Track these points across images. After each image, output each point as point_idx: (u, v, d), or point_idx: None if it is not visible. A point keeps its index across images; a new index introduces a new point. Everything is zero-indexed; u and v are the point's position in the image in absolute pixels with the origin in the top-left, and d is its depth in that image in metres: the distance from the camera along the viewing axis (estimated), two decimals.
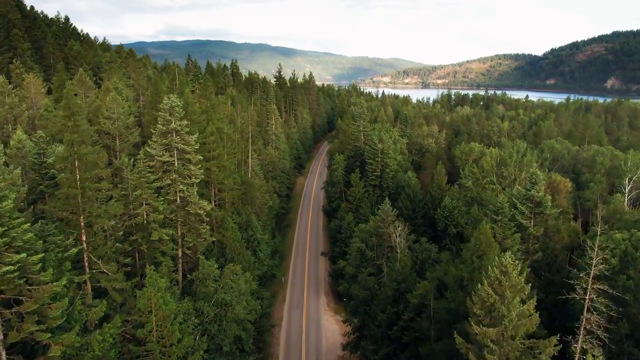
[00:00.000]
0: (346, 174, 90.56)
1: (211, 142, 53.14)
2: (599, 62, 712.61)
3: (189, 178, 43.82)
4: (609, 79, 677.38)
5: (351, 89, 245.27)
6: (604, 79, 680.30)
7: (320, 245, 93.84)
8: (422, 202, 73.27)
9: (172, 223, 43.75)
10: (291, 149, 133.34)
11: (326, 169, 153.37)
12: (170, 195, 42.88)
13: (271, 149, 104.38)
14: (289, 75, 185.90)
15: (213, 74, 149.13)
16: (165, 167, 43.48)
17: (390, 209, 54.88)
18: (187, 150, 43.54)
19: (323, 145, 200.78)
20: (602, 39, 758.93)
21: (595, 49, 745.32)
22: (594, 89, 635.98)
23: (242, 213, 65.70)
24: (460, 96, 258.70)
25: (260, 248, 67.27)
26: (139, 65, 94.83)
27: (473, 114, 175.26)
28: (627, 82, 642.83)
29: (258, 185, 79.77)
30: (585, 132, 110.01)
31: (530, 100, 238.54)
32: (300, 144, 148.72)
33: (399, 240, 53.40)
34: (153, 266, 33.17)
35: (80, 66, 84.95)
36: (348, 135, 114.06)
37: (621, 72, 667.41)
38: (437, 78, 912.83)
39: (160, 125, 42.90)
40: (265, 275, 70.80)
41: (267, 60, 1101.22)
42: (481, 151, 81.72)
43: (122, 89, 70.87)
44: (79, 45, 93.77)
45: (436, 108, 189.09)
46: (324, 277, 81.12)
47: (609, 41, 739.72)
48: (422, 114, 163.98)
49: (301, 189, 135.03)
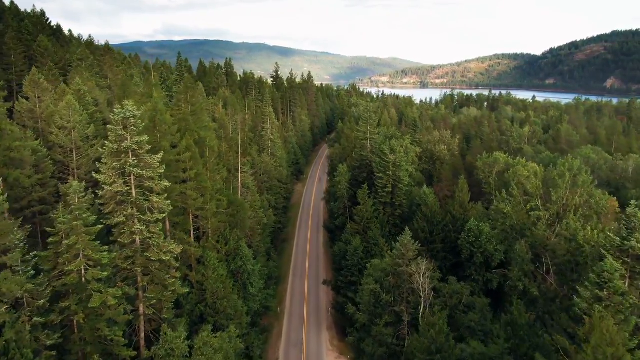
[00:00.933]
0: (351, 187, 79.22)
1: (187, 159, 41.75)
2: (598, 62, 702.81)
3: (151, 213, 32.40)
4: (608, 78, 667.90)
5: (351, 89, 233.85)
6: (603, 79, 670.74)
7: (321, 267, 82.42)
8: (442, 224, 62.04)
9: (128, 274, 32.36)
10: (289, 154, 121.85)
11: (326, 175, 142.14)
12: (125, 238, 31.47)
13: (266, 157, 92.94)
14: (287, 75, 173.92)
15: (205, 73, 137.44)
16: (119, 199, 32.09)
17: (412, 241, 43.67)
18: (148, 176, 32.14)
19: (322, 148, 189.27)
20: (602, 39, 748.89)
21: (594, 48, 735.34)
22: (593, 89, 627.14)
23: (230, 240, 54.48)
24: (463, 96, 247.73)
25: (251, 281, 55.94)
26: (118, 64, 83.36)
27: (482, 116, 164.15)
28: (627, 81, 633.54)
29: (251, 201, 68.35)
30: (612, 137, 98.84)
31: (537, 101, 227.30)
32: (298, 148, 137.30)
33: (422, 281, 42.19)
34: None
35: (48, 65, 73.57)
36: (351, 140, 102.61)
37: (621, 71, 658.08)
38: (435, 78, 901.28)
39: (111, 142, 31.49)
40: (257, 312, 59.52)
41: (264, 60, 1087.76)
42: (507, 162, 70.47)
43: (88, 90, 59.27)
44: (49, 41, 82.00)
45: (441, 109, 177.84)
46: (326, 307, 69.70)
47: (609, 41, 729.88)
48: (428, 116, 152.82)
49: (300, 197, 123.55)
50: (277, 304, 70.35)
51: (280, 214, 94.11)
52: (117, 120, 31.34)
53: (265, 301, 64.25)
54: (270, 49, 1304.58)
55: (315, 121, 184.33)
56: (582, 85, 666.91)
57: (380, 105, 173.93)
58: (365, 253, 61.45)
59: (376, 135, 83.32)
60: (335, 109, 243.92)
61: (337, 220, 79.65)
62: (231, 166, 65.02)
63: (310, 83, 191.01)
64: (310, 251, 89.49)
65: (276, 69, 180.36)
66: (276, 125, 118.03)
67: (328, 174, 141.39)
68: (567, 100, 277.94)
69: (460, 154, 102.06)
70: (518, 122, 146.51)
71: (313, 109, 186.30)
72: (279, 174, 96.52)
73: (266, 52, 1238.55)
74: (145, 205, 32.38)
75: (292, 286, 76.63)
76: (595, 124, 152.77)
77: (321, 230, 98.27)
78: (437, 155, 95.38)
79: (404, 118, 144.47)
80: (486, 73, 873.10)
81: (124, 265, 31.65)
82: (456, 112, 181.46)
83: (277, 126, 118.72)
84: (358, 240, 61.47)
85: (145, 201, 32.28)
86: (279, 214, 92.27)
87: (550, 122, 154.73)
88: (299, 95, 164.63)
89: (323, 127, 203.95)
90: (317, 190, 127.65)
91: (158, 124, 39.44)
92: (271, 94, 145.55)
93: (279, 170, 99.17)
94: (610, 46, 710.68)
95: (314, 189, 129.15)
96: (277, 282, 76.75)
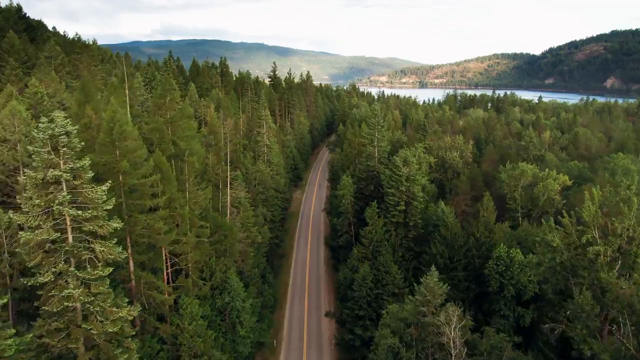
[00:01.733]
0: (356, 201, 70.04)
1: (156, 182, 32.53)
2: (598, 62, 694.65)
3: (92, 267, 23.19)
4: (608, 78, 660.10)
5: (351, 90, 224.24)
6: (603, 78, 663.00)
7: (322, 290, 73.30)
8: (464, 248, 52.93)
9: (61, 352, 23.13)
10: (287, 159, 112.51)
11: (326, 181, 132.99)
12: (54, 306, 22.24)
13: (262, 164, 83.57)
14: (285, 75, 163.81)
15: (198, 73, 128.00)
16: (49, 247, 22.89)
17: (438, 284, 34.59)
18: (87, 217, 22.92)
19: (322, 151, 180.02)
20: (601, 38, 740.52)
21: (594, 48, 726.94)
22: (593, 89, 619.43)
23: (216, 271, 45.37)
24: (466, 97, 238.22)
25: (241, 319, 46.76)
26: (95, 62, 74.02)
27: (489, 118, 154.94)
28: (627, 81, 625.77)
29: (242, 219, 59.13)
30: (637, 142, 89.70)
31: (544, 102, 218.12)
32: (297, 152, 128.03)
33: (453, 335, 33.15)
34: None
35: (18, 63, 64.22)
36: (354, 146, 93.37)
37: (621, 71, 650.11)
38: (434, 78, 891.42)
39: (33, 172, 22.28)
40: (249, 355, 50.34)
41: (263, 59, 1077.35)
42: (534, 174, 61.39)
43: (51, 93, 49.92)
44: (19, 38, 72.61)
45: (446, 111, 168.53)
46: (329, 339, 60.66)
47: (608, 40, 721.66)
48: (434, 118, 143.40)
49: (298, 205, 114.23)
50: (273, 334, 61.27)
51: (277, 227, 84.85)
52: (43, 139, 22.09)
53: (259, 336, 55.19)
54: (268, 48, 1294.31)
55: (314, 123, 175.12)
56: (582, 85, 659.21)
57: (383, 107, 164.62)
58: (375, 282, 52.34)
59: (384, 142, 74.13)
60: (335, 110, 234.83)
61: (340, 239, 70.40)
62: (219, 180, 55.79)
63: (309, 83, 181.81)
64: (310, 270, 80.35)
65: (274, 69, 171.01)
66: (273, 129, 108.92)
67: (329, 180, 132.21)
68: (572, 100, 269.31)
69: (473, 160, 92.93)
70: (529, 125, 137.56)
71: (312, 110, 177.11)
72: (275, 183, 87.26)
73: (264, 52, 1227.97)
74: (85, 256, 23.15)
75: (290, 313, 67.53)
76: (609, 127, 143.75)
77: (322, 245, 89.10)
78: (449, 164, 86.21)
79: (409, 120, 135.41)
80: (485, 73, 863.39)
81: (54, 342, 22.41)
82: (461, 113, 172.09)
83: (274, 130, 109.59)
84: (367, 267, 52.31)
85: (84, 251, 23.05)
86: (275, 228, 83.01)
87: (562, 124, 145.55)
88: (298, 96, 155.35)
89: (322, 128, 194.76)
90: (318, 199, 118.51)
91: (118, 139, 30.18)
92: (268, 95, 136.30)
93: (276, 178, 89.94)
94: (610, 46, 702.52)
95: (313, 197, 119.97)
96: (273, 308, 67.67)
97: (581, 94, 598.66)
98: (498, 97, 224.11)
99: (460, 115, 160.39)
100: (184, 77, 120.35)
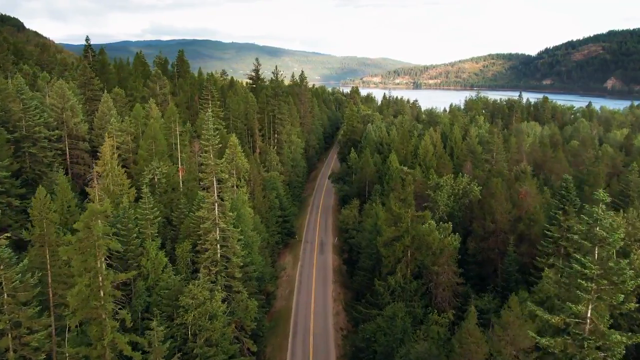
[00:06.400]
0: None
1: None
2: (596, 62, 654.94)
3: None
4: (608, 79, 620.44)
5: (354, 94, 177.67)
6: (603, 79, 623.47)
7: None
8: None
9: None
10: (267, 221, 65.36)
11: (332, 236, 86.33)
12: None
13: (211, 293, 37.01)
14: (270, 76, 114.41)
15: (130, 74, 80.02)
16: None
17: None
18: None
19: (320, 174, 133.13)
20: (598, 39, 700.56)
21: (591, 48, 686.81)
22: (593, 90, 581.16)
23: None
24: (489, 102, 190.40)
25: None
26: None
27: (552, 135, 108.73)
28: (629, 82, 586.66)
29: None
30: None
31: (594, 109, 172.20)
32: (285, 195, 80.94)
33: None
34: None
35: None
36: (392, 219, 47.03)
37: (621, 72, 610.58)
38: (429, 78, 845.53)
39: None
40: None
41: (254, 59, 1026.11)
42: None
43: None
44: None
45: (483, 124, 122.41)
46: None
47: (606, 40, 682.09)
48: (475, 137, 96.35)
49: (288, 295, 66.62)
50: None
51: None
52: None
53: None
54: (259, 48, 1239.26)
55: (310, 139, 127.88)
56: (581, 86, 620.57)
57: (403, 120, 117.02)
58: None
59: None
60: (334, 119, 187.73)
61: None
62: None
63: (304, 87, 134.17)
64: None
65: (256, 68, 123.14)
66: (245, 167, 61.89)
67: (335, 236, 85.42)
68: (576, 102, 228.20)
69: None
70: (622, 147, 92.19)
71: (308, 122, 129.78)
72: (241, 303, 40.46)
73: (255, 52, 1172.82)
74: None
75: None
76: None
77: None
78: None
79: (451, 144, 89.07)
80: (481, 73, 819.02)
81: None
82: (508, 128, 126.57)
83: (246, 167, 62.60)
84: None
85: None
86: None
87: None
88: (288, 104, 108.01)
89: (320, 142, 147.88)
90: (320, 273, 71.07)
91: None
92: (246, 105, 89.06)
93: (246, 270, 43.34)
94: (608, 46, 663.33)
95: (313, 271, 72.40)
96: None
97: (581, 95, 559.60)
98: (529, 104, 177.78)
99: (509, 131, 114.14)
100: (107, 79, 72.66)
